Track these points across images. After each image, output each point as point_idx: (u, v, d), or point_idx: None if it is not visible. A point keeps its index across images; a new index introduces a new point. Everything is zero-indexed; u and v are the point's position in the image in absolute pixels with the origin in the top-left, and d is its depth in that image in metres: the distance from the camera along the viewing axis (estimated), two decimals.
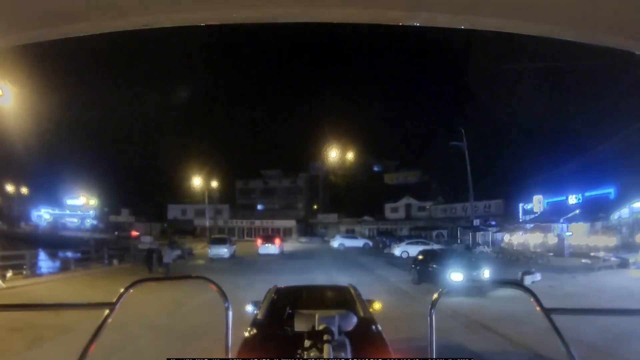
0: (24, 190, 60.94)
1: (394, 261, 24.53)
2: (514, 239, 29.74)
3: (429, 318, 1.98)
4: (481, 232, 32.43)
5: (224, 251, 25.81)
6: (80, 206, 64.93)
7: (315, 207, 59.75)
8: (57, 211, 65.13)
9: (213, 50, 52.11)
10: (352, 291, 4.85)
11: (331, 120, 59.51)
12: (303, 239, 48.49)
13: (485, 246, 29.48)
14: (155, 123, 54.23)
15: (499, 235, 33.38)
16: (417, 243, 27.75)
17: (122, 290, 1.79)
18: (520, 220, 36.57)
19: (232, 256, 26.97)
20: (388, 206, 52.41)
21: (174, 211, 57.79)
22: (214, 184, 49.61)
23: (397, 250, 27.62)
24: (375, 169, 63.54)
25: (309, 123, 77.17)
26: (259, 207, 58.86)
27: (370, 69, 74.31)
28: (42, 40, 1.45)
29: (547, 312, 1.71)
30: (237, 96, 72.33)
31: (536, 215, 34.43)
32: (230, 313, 2.07)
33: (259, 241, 31.14)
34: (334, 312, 2.63)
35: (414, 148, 61.30)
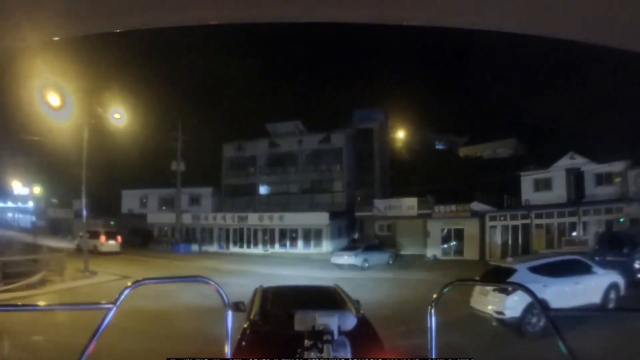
0: None
1: None
2: None
3: (428, 318, 1.97)
4: None
5: None
6: (25, 196, 47.21)
7: (367, 187, 31.31)
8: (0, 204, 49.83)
9: None
10: (340, 291, 5.04)
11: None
12: (343, 257, 20.61)
13: None
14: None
15: None
16: None
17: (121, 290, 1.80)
18: None
19: None
20: (526, 180, 24.18)
21: (130, 200, 35.16)
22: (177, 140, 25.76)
23: None
24: (438, 147, 48.48)
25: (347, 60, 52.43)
26: (262, 189, 32.27)
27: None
28: (41, 40, 1.45)
29: (547, 312, 1.84)
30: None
31: None
32: (230, 313, 2.19)
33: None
34: (334, 312, 2.62)
35: (495, 116, 41.13)
